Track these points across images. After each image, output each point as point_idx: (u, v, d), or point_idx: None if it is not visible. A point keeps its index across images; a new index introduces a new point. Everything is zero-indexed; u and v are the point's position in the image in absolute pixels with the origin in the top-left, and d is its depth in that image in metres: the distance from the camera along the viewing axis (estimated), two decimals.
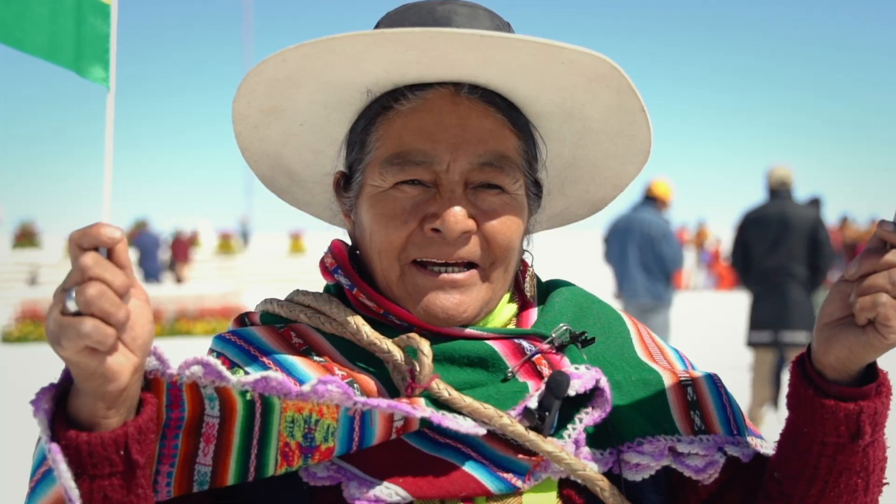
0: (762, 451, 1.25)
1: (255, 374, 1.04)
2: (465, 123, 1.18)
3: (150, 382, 1.02)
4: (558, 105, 1.23)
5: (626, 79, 1.14)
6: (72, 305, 0.86)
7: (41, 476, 0.96)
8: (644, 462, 1.17)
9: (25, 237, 30.10)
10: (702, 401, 1.24)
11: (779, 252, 7.20)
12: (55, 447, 0.89)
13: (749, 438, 1.25)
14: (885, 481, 1.17)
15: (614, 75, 1.14)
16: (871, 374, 1.10)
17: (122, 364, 0.89)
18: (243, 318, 1.29)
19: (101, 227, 0.89)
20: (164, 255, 26.13)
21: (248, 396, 1.07)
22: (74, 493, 0.89)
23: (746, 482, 1.25)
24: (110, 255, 0.89)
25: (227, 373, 1.02)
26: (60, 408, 0.94)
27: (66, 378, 0.95)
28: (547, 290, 1.35)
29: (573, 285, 1.37)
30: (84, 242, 0.88)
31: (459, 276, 1.17)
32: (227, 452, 1.07)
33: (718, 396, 1.27)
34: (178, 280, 25.59)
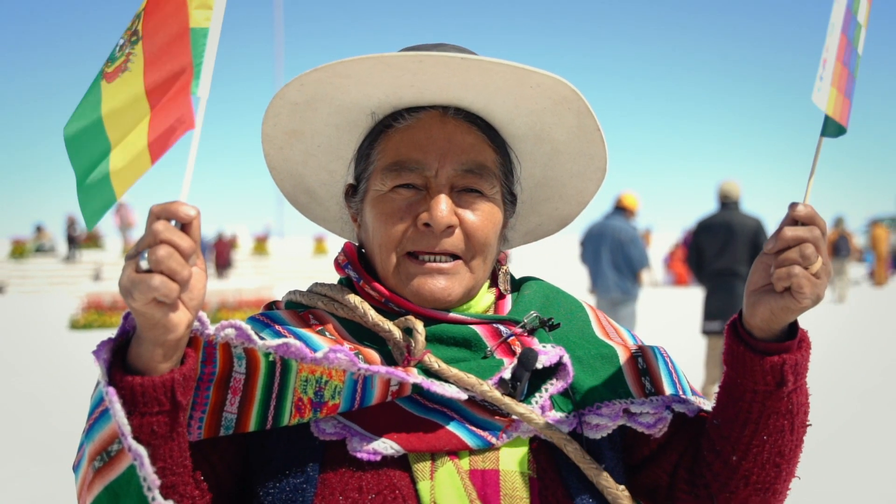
0: (703, 406, 1.27)
1: (277, 340, 1.06)
2: (451, 137, 1.20)
3: (190, 340, 1.04)
4: (530, 127, 1.25)
5: (584, 101, 1.17)
6: (144, 264, 0.87)
7: (98, 415, 0.98)
8: (603, 423, 1.19)
9: (91, 239, 30.26)
10: (651, 368, 1.26)
11: (725, 255, 7.29)
12: (112, 390, 0.91)
13: (692, 397, 1.27)
14: (808, 423, 1.19)
15: (575, 98, 1.16)
16: (794, 331, 1.12)
17: (181, 318, 0.91)
18: (271, 306, 1.31)
19: (180, 204, 0.90)
20: (210, 255, 26.09)
21: (271, 358, 1.10)
22: (127, 428, 0.90)
23: (690, 432, 1.27)
24: (185, 228, 0.90)
25: (255, 336, 1.05)
26: (118, 359, 0.96)
27: (122, 334, 0.97)
28: (519, 284, 1.37)
29: (541, 280, 1.39)
30: (162, 215, 0.89)
31: (446, 265, 1.19)
32: (251, 403, 1.09)
33: (665, 364, 1.28)
34: (220, 275, 25.45)
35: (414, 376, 1.10)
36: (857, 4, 1.10)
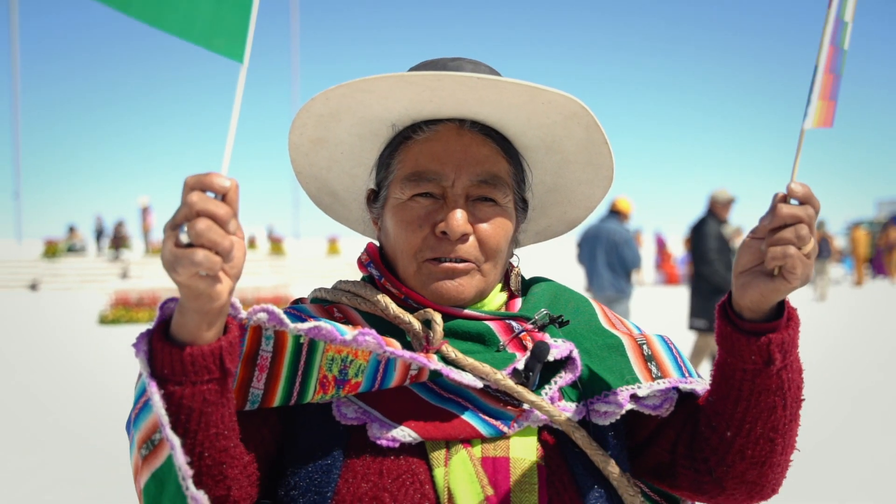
0: (706, 386, 1.25)
1: (308, 323, 1.05)
2: (467, 150, 1.21)
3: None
4: (541, 139, 1.26)
5: (593, 117, 1.17)
6: (184, 238, 0.82)
7: (143, 405, 0.97)
8: (611, 410, 1.18)
9: (121, 240, 30.44)
10: (656, 354, 1.25)
11: (694, 255, 7.59)
12: (153, 382, 0.90)
13: (696, 378, 1.26)
14: (802, 398, 1.15)
15: (584, 114, 1.17)
16: (782, 309, 1.08)
17: (224, 287, 0.87)
18: (297, 301, 1.32)
19: (215, 175, 0.84)
20: None
21: (301, 340, 1.09)
22: (165, 419, 0.89)
23: (686, 410, 1.26)
24: (224, 199, 0.84)
25: (286, 319, 1.04)
26: (161, 338, 0.92)
27: (160, 324, 0.94)
28: (529, 283, 1.38)
29: (549, 279, 1.40)
30: (196, 187, 0.84)
31: (460, 265, 1.20)
32: (277, 380, 1.09)
33: (669, 349, 1.28)
34: None
35: (434, 363, 1.11)
36: (845, 7, 1.02)
